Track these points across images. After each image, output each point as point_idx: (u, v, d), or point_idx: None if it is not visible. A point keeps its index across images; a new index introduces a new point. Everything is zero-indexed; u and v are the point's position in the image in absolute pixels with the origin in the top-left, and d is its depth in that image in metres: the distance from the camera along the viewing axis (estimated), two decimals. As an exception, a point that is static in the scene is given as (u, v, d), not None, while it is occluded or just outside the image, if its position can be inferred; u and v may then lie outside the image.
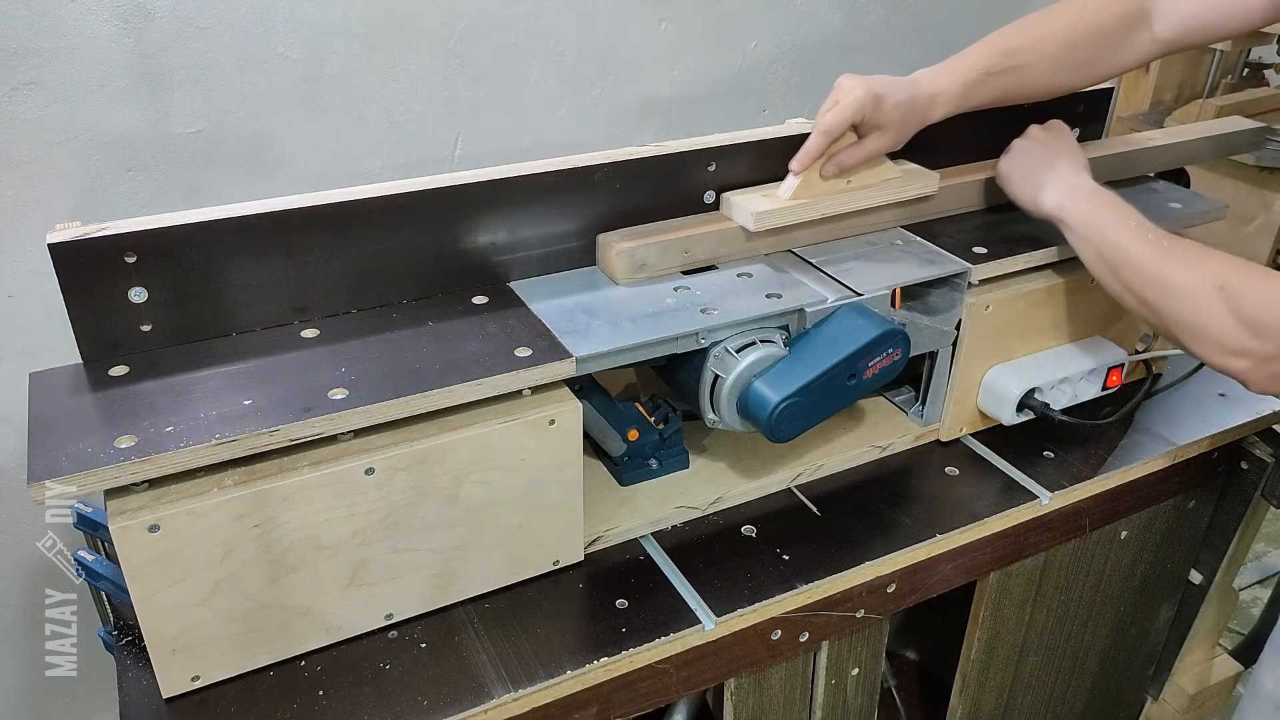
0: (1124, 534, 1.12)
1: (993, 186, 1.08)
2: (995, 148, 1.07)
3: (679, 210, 1.00)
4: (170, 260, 0.80)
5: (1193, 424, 1.10)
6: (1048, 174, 0.98)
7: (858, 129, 0.96)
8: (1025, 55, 0.98)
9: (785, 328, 0.92)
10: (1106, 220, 0.90)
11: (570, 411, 0.82)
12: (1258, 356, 0.77)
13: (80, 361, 0.81)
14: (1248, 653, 1.26)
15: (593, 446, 1.01)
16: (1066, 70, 1.00)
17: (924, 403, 1.06)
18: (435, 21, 1.18)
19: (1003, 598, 1.06)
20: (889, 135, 0.96)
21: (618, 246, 0.93)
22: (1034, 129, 1.06)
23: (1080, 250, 0.93)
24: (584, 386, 0.97)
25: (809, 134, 0.95)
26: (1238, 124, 1.28)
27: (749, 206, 0.96)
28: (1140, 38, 1.00)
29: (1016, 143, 1.05)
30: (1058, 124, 1.06)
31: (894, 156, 1.03)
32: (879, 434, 1.06)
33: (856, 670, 0.99)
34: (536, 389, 0.82)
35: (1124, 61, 1.01)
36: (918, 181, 1.03)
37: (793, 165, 0.97)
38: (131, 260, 0.79)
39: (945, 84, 0.97)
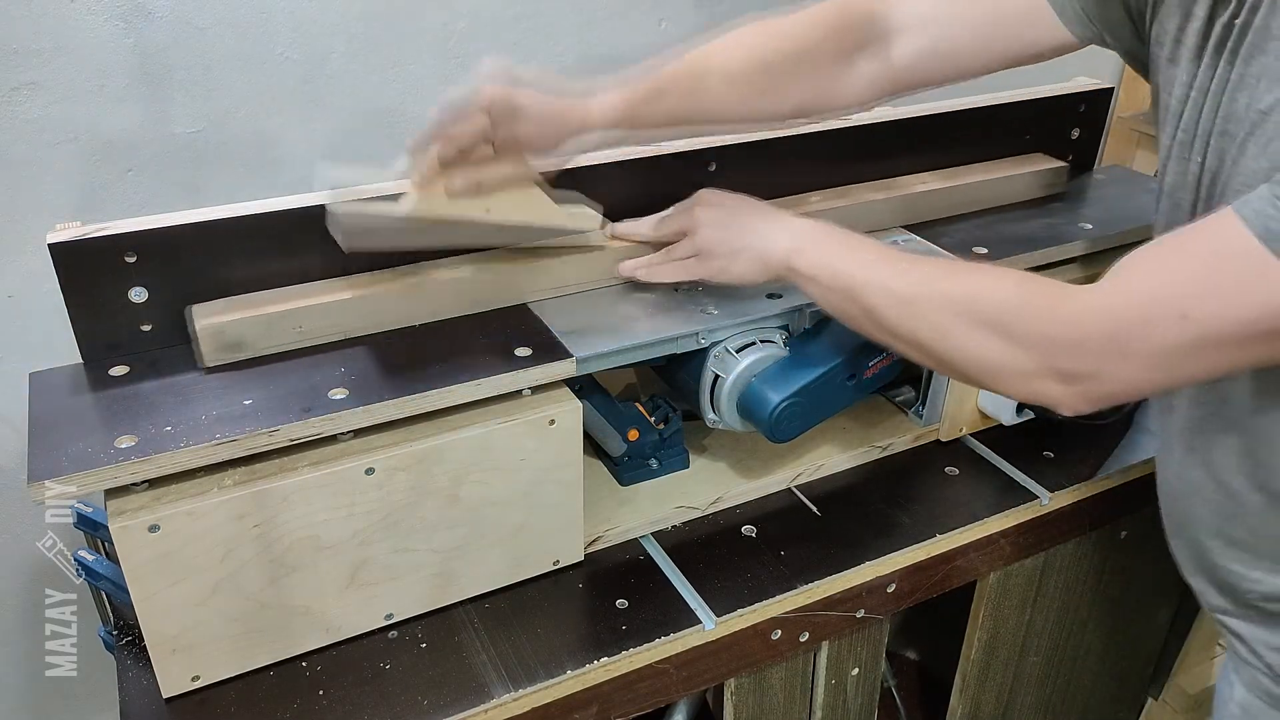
0: (1124, 534, 1.12)
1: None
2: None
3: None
4: (170, 260, 0.80)
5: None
6: (755, 239, 0.82)
7: (493, 142, 0.80)
8: (706, 72, 0.84)
9: (785, 327, 0.92)
10: (844, 261, 0.77)
11: (570, 411, 0.82)
12: (1064, 375, 0.66)
13: (80, 361, 0.81)
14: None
15: (593, 446, 1.01)
16: (754, 94, 0.84)
17: (924, 403, 1.06)
18: (435, 21, 1.18)
19: (1003, 598, 1.05)
20: (524, 156, 0.82)
21: (202, 322, 0.79)
22: (700, 212, 0.87)
23: (828, 303, 0.79)
24: (584, 386, 0.97)
25: (809, 134, 0.93)
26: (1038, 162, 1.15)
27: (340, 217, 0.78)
28: (862, 68, 0.84)
29: (698, 238, 0.85)
30: (708, 191, 0.88)
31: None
32: (879, 434, 1.06)
33: (856, 670, 0.99)
34: (536, 389, 0.82)
35: (833, 95, 0.85)
36: (578, 222, 0.89)
37: (415, 179, 0.79)
38: (131, 260, 0.79)
39: (604, 104, 0.82)
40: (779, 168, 1.02)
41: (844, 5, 0.85)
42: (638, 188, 0.96)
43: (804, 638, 0.90)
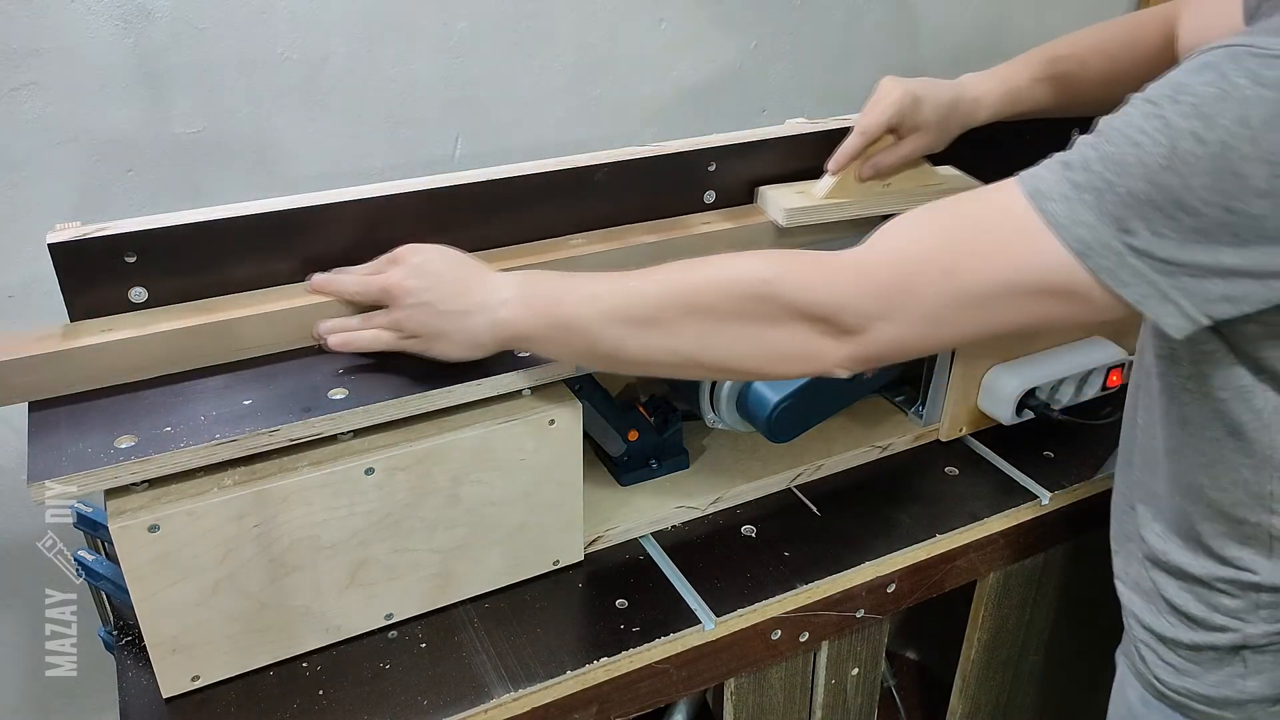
0: (1124, 534, 1.12)
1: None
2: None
3: (678, 211, 1.00)
4: (170, 260, 0.80)
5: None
6: (464, 299, 0.75)
7: (897, 131, 0.95)
8: (1069, 64, 0.95)
9: (785, 328, 0.92)
10: (573, 300, 0.71)
11: (570, 411, 0.82)
12: (835, 333, 0.65)
13: (80, 361, 0.81)
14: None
15: (593, 446, 1.01)
16: (1109, 85, 0.94)
17: (924, 403, 1.06)
18: (435, 21, 1.18)
19: (1003, 598, 1.05)
20: (928, 137, 0.95)
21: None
22: (403, 254, 0.79)
23: (563, 356, 0.76)
24: (584, 386, 0.96)
25: (809, 134, 0.95)
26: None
27: (782, 202, 0.95)
28: (1169, 58, 0.94)
29: (400, 290, 0.77)
30: (404, 250, 0.80)
31: (940, 160, 1.01)
32: (879, 434, 1.06)
33: (856, 670, 0.99)
34: (536, 389, 0.82)
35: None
36: (959, 188, 1.01)
37: (829, 164, 0.96)
38: (131, 260, 0.79)
39: (989, 87, 0.95)
40: (778, 168, 1.01)
41: (1167, 12, 0.92)
42: (638, 188, 0.96)
43: (804, 638, 0.90)
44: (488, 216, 0.91)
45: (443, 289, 0.76)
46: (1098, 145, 0.57)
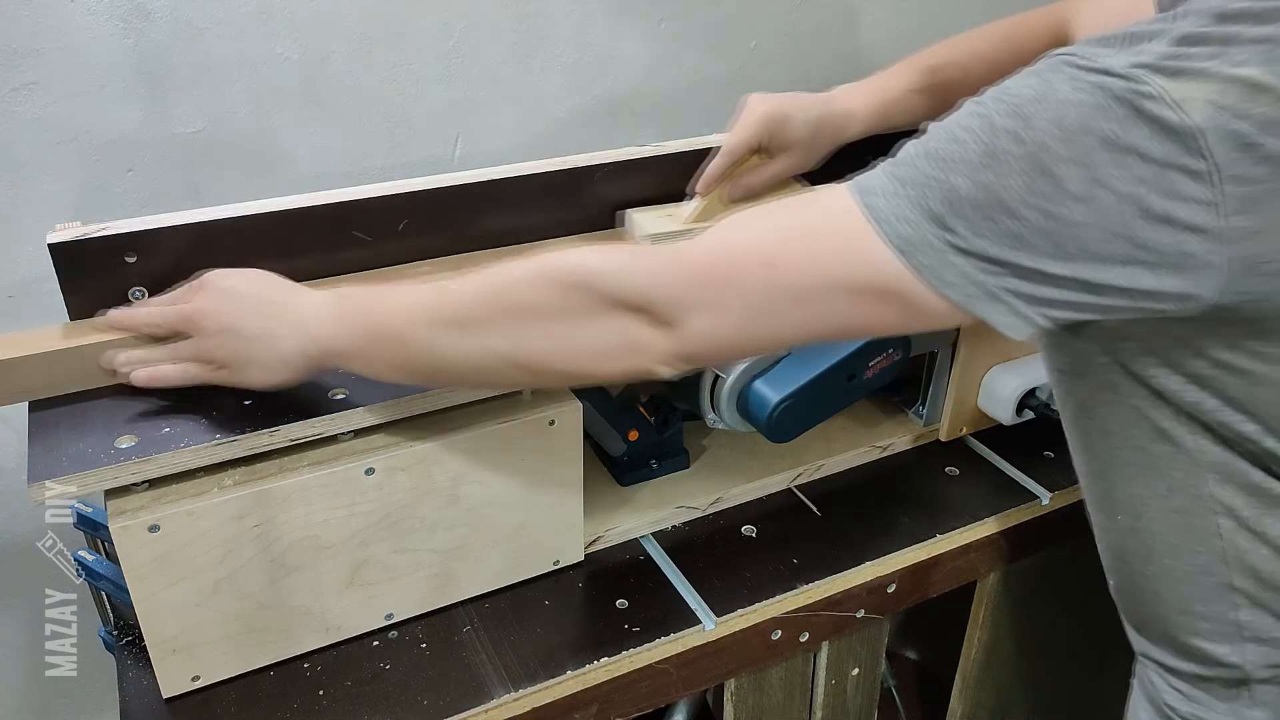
0: (1124, 534, 1.12)
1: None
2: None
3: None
4: (170, 260, 0.80)
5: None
6: (271, 319, 0.71)
7: (766, 150, 0.92)
8: (948, 73, 0.92)
9: (785, 328, 0.92)
10: (384, 308, 0.69)
11: (570, 411, 0.82)
12: (653, 324, 0.62)
13: (80, 361, 0.81)
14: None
15: (593, 446, 1.01)
16: None
17: (924, 403, 1.06)
18: (435, 21, 1.18)
19: (1003, 598, 1.05)
20: (797, 155, 0.92)
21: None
22: (209, 279, 0.75)
23: (381, 372, 0.71)
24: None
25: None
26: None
27: (648, 226, 0.92)
28: None
29: (203, 316, 0.73)
30: (202, 279, 0.76)
31: (814, 178, 0.98)
32: (879, 434, 1.06)
33: (856, 670, 0.99)
34: (536, 389, 0.82)
35: None
36: None
37: (696, 187, 0.93)
38: (131, 260, 0.79)
39: (861, 101, 0.91)
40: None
41: (1054, 14, 0.91)
42: (638, 187, 0.96)
43: (804, 638, 0.90)
44: (488, 216, 0.91)
45: (247, 311, 0.71)
46: (924, 143, 0.56)
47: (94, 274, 0.78)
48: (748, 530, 0.94)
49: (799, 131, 0.90)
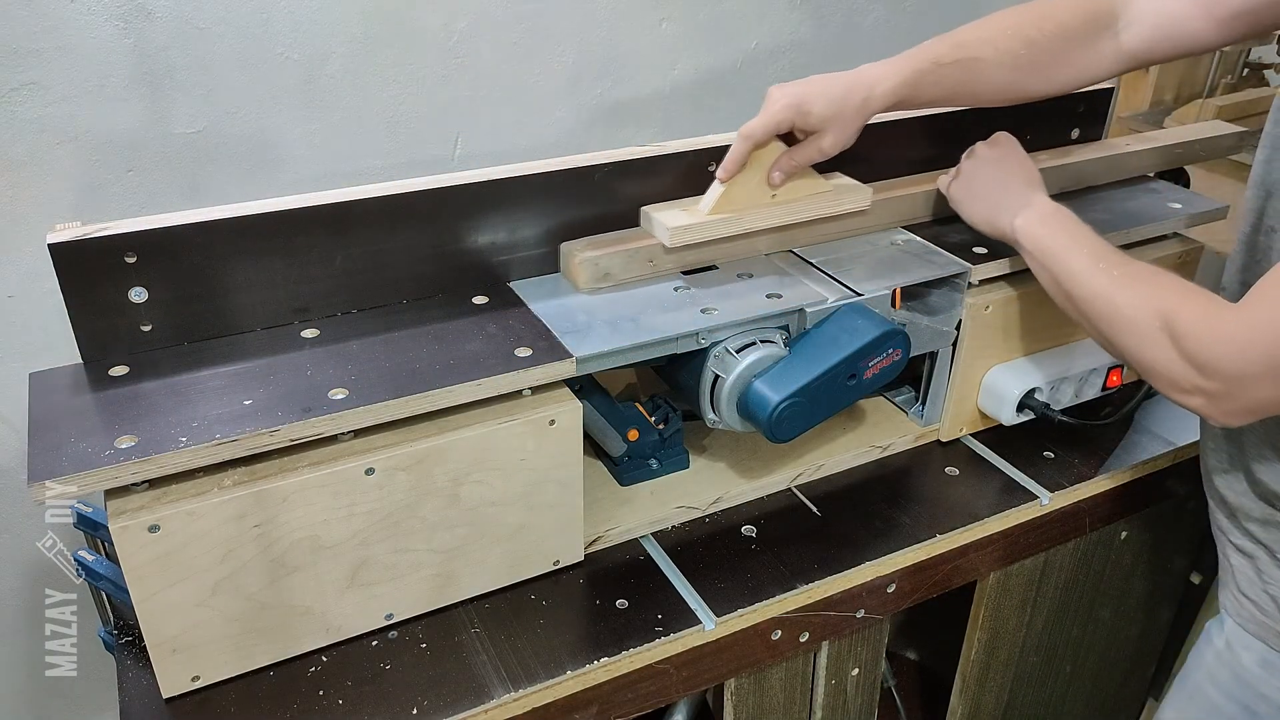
0: (1124, 534, 1.12)
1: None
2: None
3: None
4: (170, 260, 0.80)
5: (1193, 424, 1.10)
6: (1001, 196, 0.93)
7: (793, 136, 0.92)
8: (979, 49, 0.92)
9: (785, 328, 0.92)
10: (1063, 246, 0.86)
11: (570, 411, 0.82)
12: (1208, 394, 0.72)
13: (80, 361, 0.81)
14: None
15: (593, 446, 1.01)
16: (1023, 69, 0.93)
17: (924, 403, 1.06)
18: (435, 21, 1.18)
19: (1003, 598, 1.06)
20: (830, 134, 0.91)
21: (580, 255, 0.92)
22: (980, 147, 1.00)
23: (1039, 276, 0.89)
24: (584, 386, 0.97)
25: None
26: (1218, 128, 1.27)
27: (666, 222, 0.92)
28: (1105, 46, 0.94)
29: (964, 165, 1.00)
30: (1004, 137, 1.00)
31: (834, 167, 0.99)
32: (879, 434, 1.06)
33: (856, 670, 0.99)
34: (536, 389, 0.82)
35: (1086, 70, 0.95)
36: (848, 196, 0.98)
37: (719, 173, 0.92)
38: (131, 260, 0.79)
39: (888, 71, 0.91)
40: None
41: None
42: (638, 187, 0.96)
43: (804, 638, 0.90)
44: (488, 216, 0.91)
45: (1002, 176, 0.95)
46: None
47: (94, 274, 0.78)
48: (748, 530, 0.94)
49: (823, 110, 0.90)
